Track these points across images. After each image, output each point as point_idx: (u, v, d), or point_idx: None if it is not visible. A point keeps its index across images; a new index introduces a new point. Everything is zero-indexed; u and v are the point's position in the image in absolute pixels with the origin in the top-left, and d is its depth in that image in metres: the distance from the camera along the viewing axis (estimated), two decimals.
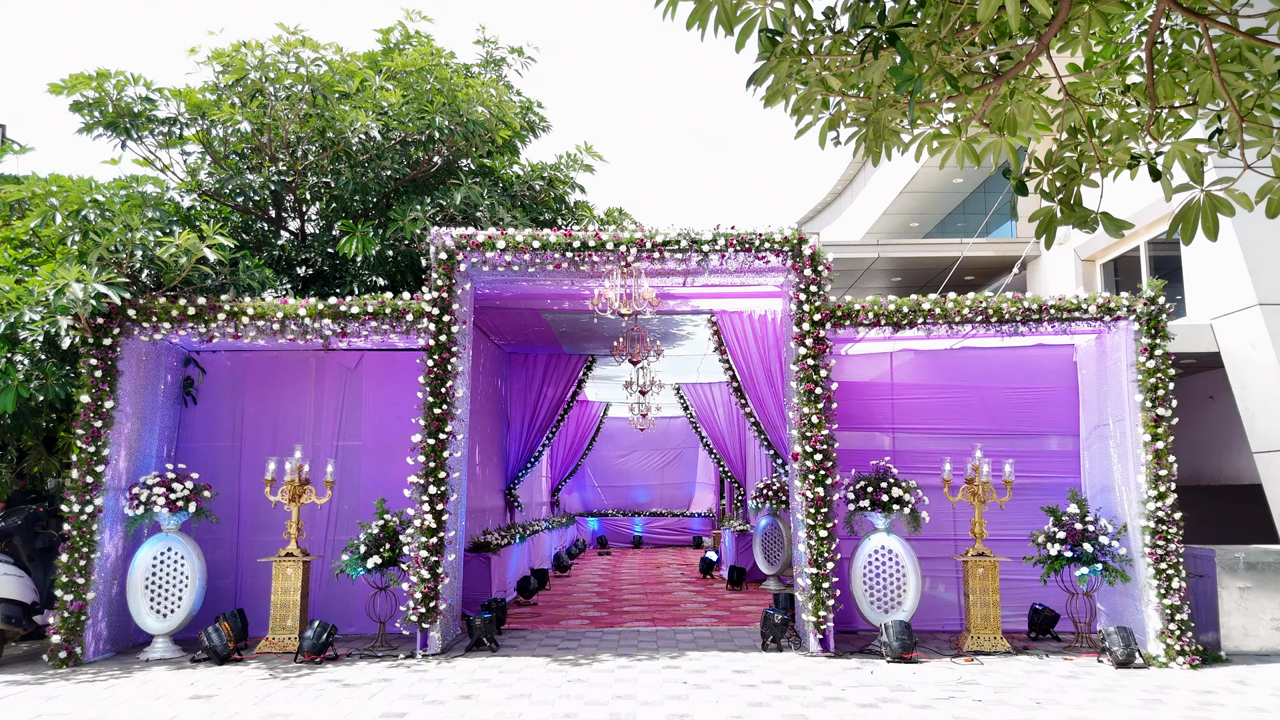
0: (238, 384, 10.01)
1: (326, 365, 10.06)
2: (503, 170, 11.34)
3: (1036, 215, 4.37)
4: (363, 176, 9.61)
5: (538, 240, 8.66)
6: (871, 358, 10.19)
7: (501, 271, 9.04)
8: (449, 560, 8.55)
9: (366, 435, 9.98)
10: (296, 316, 8.58)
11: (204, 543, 9.35)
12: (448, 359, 8.55)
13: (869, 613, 8.77)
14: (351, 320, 8.65)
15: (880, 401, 10.05)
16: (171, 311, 8.50)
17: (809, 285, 8.67)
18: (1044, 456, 9.83)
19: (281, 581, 8.70)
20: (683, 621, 10.50)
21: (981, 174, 18.29)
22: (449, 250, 8.67)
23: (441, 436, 8.45)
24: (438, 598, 8.32)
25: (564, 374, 14.99)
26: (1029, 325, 8.70)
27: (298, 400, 10.00)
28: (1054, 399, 9.89)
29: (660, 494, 23.68)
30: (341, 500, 9.85)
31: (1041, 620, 9.16)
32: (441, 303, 8.60)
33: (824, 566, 8.28)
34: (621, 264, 8.76)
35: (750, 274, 9.40)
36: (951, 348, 10.12)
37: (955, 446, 9.67)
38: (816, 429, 8.44)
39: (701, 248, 8.71)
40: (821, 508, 8.34)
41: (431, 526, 8.32)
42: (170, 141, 9.85)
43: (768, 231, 8.77)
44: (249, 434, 9.92)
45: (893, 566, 8.78)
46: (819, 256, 8.75)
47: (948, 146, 4.86)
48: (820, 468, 8.39)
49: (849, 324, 8.71)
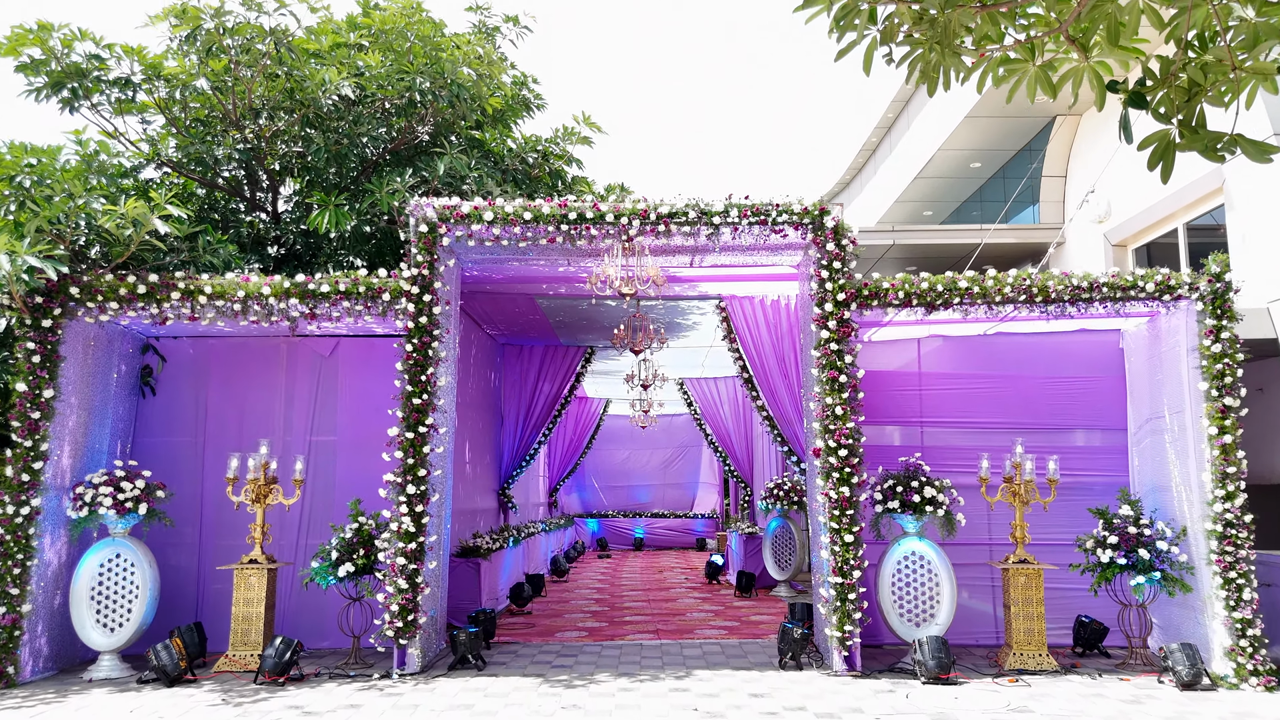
0: (201, 373, 9.11)
1: (298, 353, 9.16)
2: (494, 144, 10.44)
3: (1149, 141, 3.47)
4: (337, 144, 8.71)
5: (529, 211, 7.76)
6: (897, 344, 9.29)
7: (489, 247, 8.14)
8: (430, 568, 7.65)
9: (342, 429, 9.08)
10: (260, 296, 7.69)
11: (162, 548, 8.46)
12: (429, 343, 7.65)
13: (898, 626, 7.88)
14: (321, 300, 7.75)
15: (907, 393, 9.16)
16: (119, 290, 7.60)
17: (832, 261, 7.77)
18: (1087, 453, 8.93)
19: (244, 592, 7.80)
20: (689, 633, 9.61)
21: (1001, 158, 17.41)
22: (430, 222, 7.78)
23: (421, 429, 7.55)
24: (417, 610, 7.43)
25: (561, 367, 14.10)
26: (1078, 306, 7.80)
27: (267, 391, 9.10)
28: (1098, 390, 8.99)
29: (662, 494, 22.83)
30: (314, 501, 8.96)
31: (1089, 634, 8.26)
32: (422, 280, 7.71)
33: (850, 575, 7.38)
34: (623, 238, 7.87)
35: (764, 251, 8.52)
36: (985, 333, 9.23)
37: (990, 441, 8.78)
38: (840, 421, 7.54)
39: (712, 220, 7.81)
40: (846, 509, 7.44)
41: (410, 530, 7.42)
42: (125, 106, 8.94)
43: (785, 202, 7.88)
44: (213, 428, 9.02)
45: (925, 575, 7.88)
46: (843, 230, 7.86)
47: (1018, 73, 3.97)
48: (845, 465, 7.49)
49: (876, 304, 7.82)
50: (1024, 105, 14.89)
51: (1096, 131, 14.54)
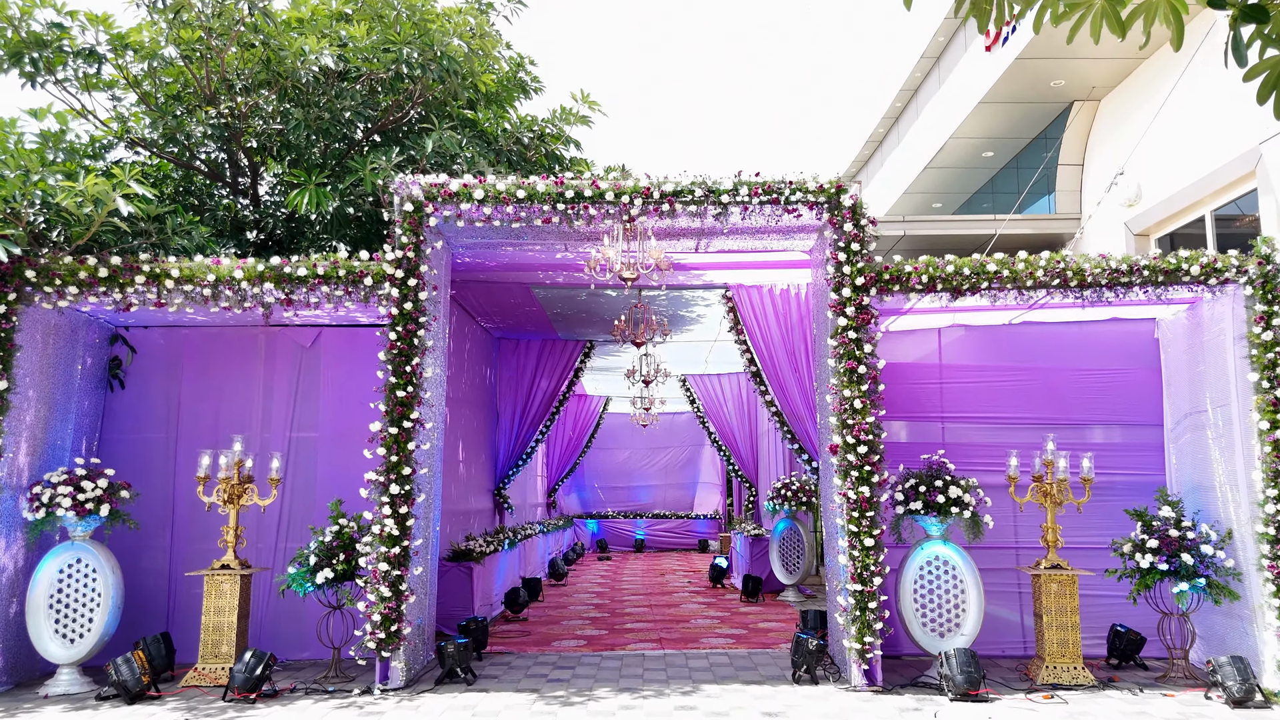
0: (173, 365, 8.54)
1: (278, 344, 8.59)
2: (487, 124, 9.87)
3: (1258, 70, 2.90)
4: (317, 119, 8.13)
5: (523, 189, 7.19)
6: (916, 335, 8.72)
7: (481, 229, 7.58)
8: (415, 574, 7.08)
9: (325, 425, 8.50)
10: (231, 280, 7.12)
11: (131, 552, 7.91)
12: (414, 331, 7.08)
13: (920, 636, 7.31)
14: (298, 285, 7.18)
15: (927, 386, 8.58)
16: (79, 273, 7.03)
17: (850, 243, 7.20)
18: (1119, 450, 8.35)
19: (215, 600, 7.23)
20: (694, 642, 9.04)
21: (1015, 146, 16.84)
22: (416, 201, 7.20)
23: (406, 424, 6.98)
24: (401, 619, 6.85)
25: (559, 362, 13.52)
26: (1115, 291, 7.23)
27: (244, 384, 8.53)
28: (1131, 383, 8.42)
29: (663, 495, 22.27)
30: (294, 501, 8.39)
31: (1125, 644, 7.69)
32: (406, 264, 7.13)
33: (870, 582, 6.81)
34: (624, 219, 7.30)
35: (775, 235, 7.96)
36: (1010, 323, 8.66)
37: (1015, 438, 8.22)
38: (859, 416, 6.97)
39: (720, 198, 7.23)
40: (866, 511, 6.87)
41: (393, 533, 6.85)
42: (91, 81, 8.36)
43: (799, 180, 7.31)
44: (186, 423, 8.45)
45: (949, 581, 7.31)
46: (861, 209, 7.28)
47: (1080, 9, 3.43)
48: (865, 463, 6.91)
49: (898, 289, 7.24)
50: (1040, 89, 14.33)
51: (1118, 115, 13.97)
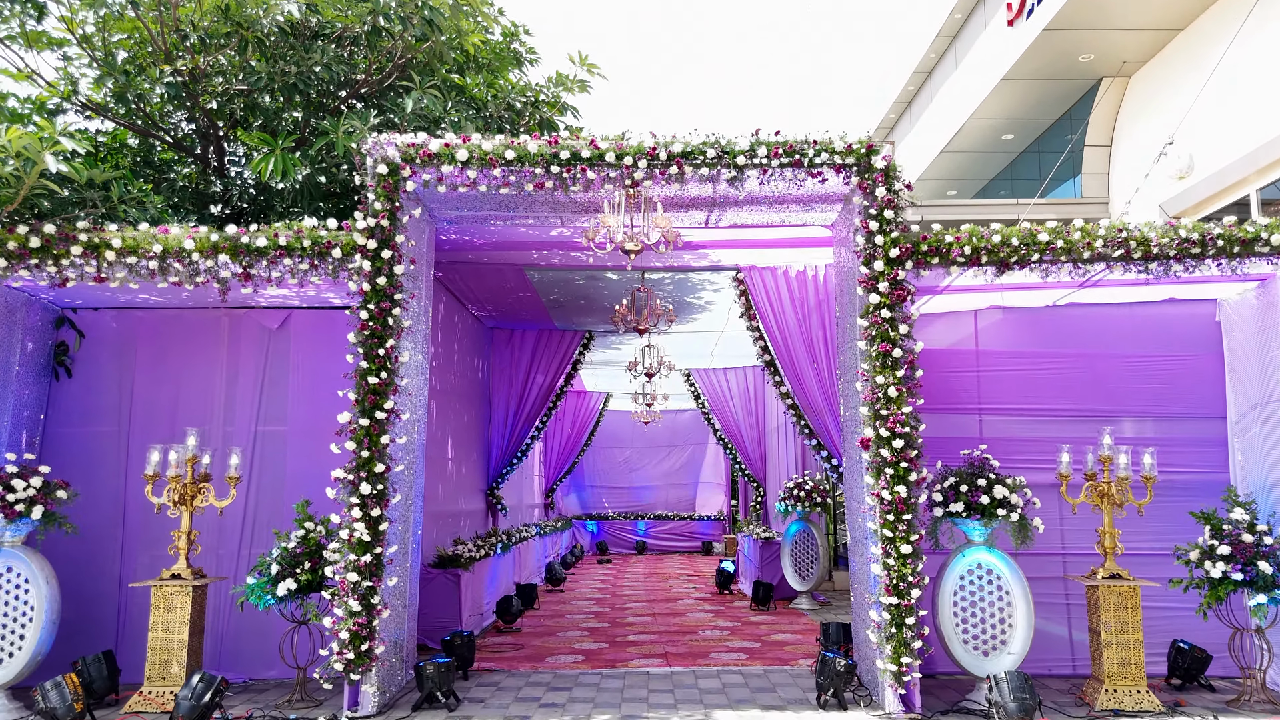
0: (126, 351, 7.70)
1: (243, 327, 7.75)
2: (475, 89, 9.04)
3: None
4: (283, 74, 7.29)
5: (513, 150, 6.34)
6: (949, 317, 7.89)
7: (466, 197, 6.74)
8: (390, 585, 6.25)
9: (295, 417, 7.65)
10: (181, 251, 6.28)
11: (74, 561, 7.09)
12: (388, 309, 6.24)
13: (961, 654, 6.46)
14: (257, 257, 6.34)
15: (963, 375, 7.75)
16: (7, 244, 6.19)
17: (883, 210, 6.36)
18: (1177, 445, 7.49)
19: (164, 614, 6.39)
20: (704, 657, 8.20)
21: (1037, 128, 16.00)
22: (391, 163, 6.36)
23: (379, 415, 6.14)
24: (372, 637, 6.01)
25: (556, 354, 12.69)
26: (1185, 264, 6.40)
27: (205, 372, 7.69)
28: (1189, 370, 7.59)
29: (665, 494, 21.46)
30: (260, 502, 7.56)
31: (1188, 663, 6.85)
32: (380, 233, 6.29)
33: (908, 595, 5.97)
34: (626, 183, 6.46)
35: (795, 205, 7.13)
36: (1055, 304, 7.83)
37: (1060, 432, 7.40)
38: (895, 405, 6.13)
39: (735, 160, 6.39)
40: (903, 513, 6.03)
41: (364, 539, 6.01)
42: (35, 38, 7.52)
43: (824, 139, 6.47)
44: (140, 416, 7.61)
45: (994, 593, 6.48)
46: (895, 172, 6.45)
47: None
48: (901, 458, 6.07)
49: (937, 262, 6.40)
50: (1068, 64, 13.49)
51: (1151, 91, 13.13)
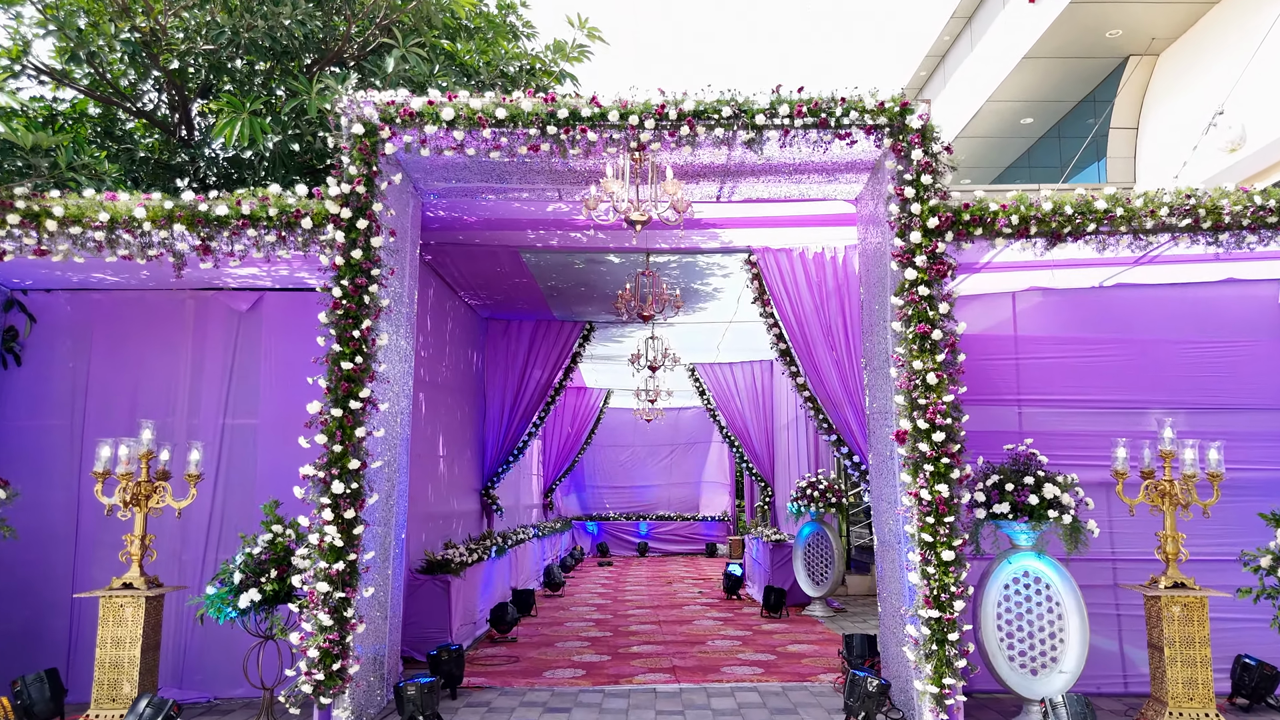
0: (82, 337, 7.02)
1: (210, 310, 7.06)
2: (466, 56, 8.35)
3: None
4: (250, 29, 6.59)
5: (504, 108, 5.65)
6: (984, 300, 7.20)
7: (454, 164, 6.06)
8: (366, 596, 5.56)
9: (266, 409, 6.96)
10: (131, 220, 5.59)
11: (22, 567, 6.46)
12: (364, 286, 5.55)
13: (1007, 673, 5.78)
14: (218, 227, 5.65)
15: (1000, 362, 7.06)
16: None
17: (920, 174, 5.67)
18: (1240, 440, 6.77)
19: (114, 628, 5.70)
20: (715, 671, 7.51)
21: (1058, 111, 15.31)
22: (369, 123, 5.67)
23: (354, 405, 5.45)
24: (346, 655, 5.33)
25: (555, 346, 12.00)
26: (1259, 234, 5.71)
27: (168, 360, 7.01)
28: (1251, 357, 6.92)
29: (667, 494, 20.79)
30: (229, 503, 6.88)
31: (1255, 680, 6.17)
32: (355, 201, 5.60)
33: (950, 608, 5.28)
34: (631, 146, 5.77)
35: (817, 175, 6.46)
36: (1101, 284, 7.14)
37: (1109, 425, 6.76)
38: (935, 394, 5.44)
39: (754, 120, 5.69)
40: (945, 515, 5.34)
41: (336, 544, 5.32)
42: None
43: (853, 97, 5.78)
44: (96, 408, 6.92)
45: (1043, 603, 5.80)
46: (933, 133, 5.76)
47: None
48: (943, 453, 5.38)
49: (980, 233, 5.71)
50: (1092, 41, 12.80)
51: (1181, 69, 12.44)
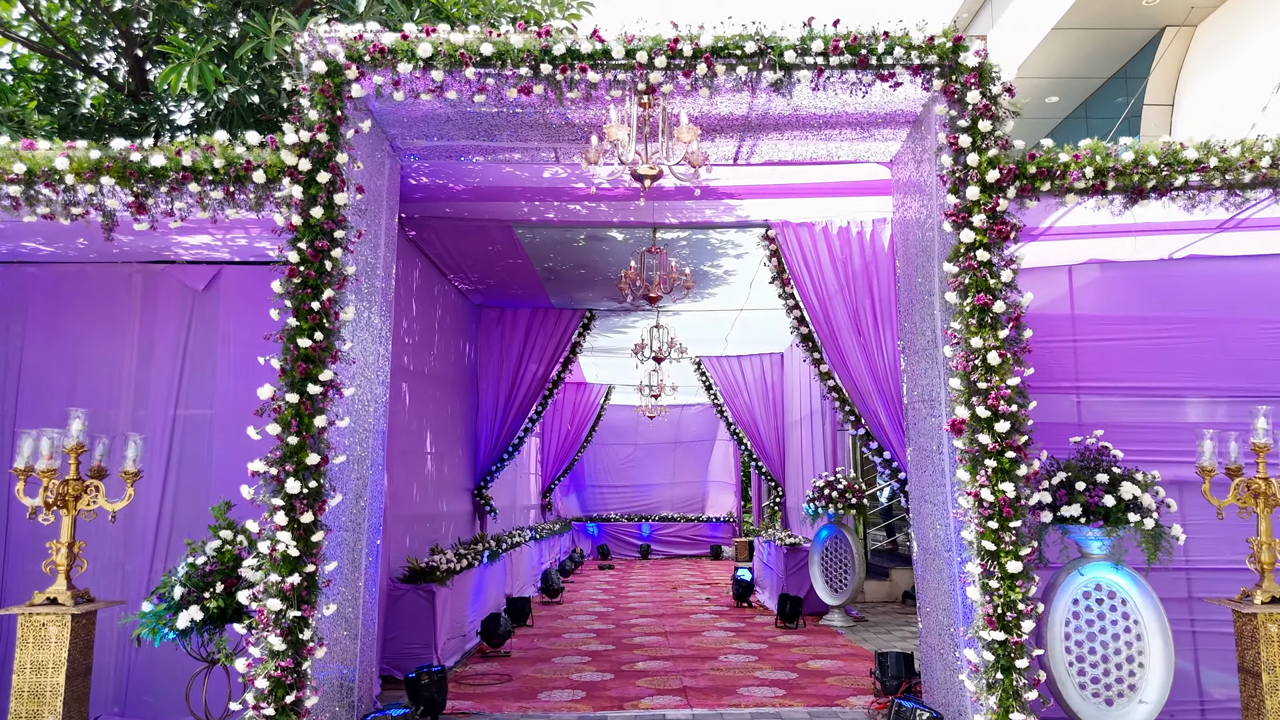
0: (14, 316, 6.20)
1: (160, 287, 6.24)
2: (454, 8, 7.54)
3: None
4: None
5: (490, 44, 4.82)
6: (1038, 274, 6.35)
7: (433, 111, 5.24)
8: (327, 614, 4.74)
9: (223, 398, 6.14)
10: (52, 173, 4.77)
11: None
12: (325, 249, 4.72)
13: (1076, 702, 4.96)
14: (154, 182, 4.82)
15: (1055, 345, 6.23)
16: None
17: (976, 120, 4.84)
18: None
19: (35, 650, 4.88)
20: (730, 694, 6.69)
21: (1085, 89, 14.50)
22: (333, 61, 4.85)
23: (313, 389, 4.63)
24: (302, 685, 4.50)
25: (553, 335, 11.19)
26: None
27: (113, 342, 6.19)
28: None
29: (671, 494, 20.02)
30: (179, 504, 6.06)
31: None
32: (316, 150, 4.77)
33: (1017, 629, 4.45)
34: (640, 87, 4.94)
35: (849, 130, 5.67)
36: (1170, 256, 6.32)
37: (1181, 416, 6.03)
38: (997, 376, 4.62)
39: (782, 57, 4.86)
40: (1010, 519, 4.51)
41: (290, 554, 4.49)
42: None
43: (898, 33, 4.95)
44: (29, 396, 6.11)
45: (1119, 621, 4.98)
46: (992, 72, 4.93)
47: None
48: (1007, 446, 4.56)
49: (1048, 189, 4.88)
50: (1126, 10, 11.97)
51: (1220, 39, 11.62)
